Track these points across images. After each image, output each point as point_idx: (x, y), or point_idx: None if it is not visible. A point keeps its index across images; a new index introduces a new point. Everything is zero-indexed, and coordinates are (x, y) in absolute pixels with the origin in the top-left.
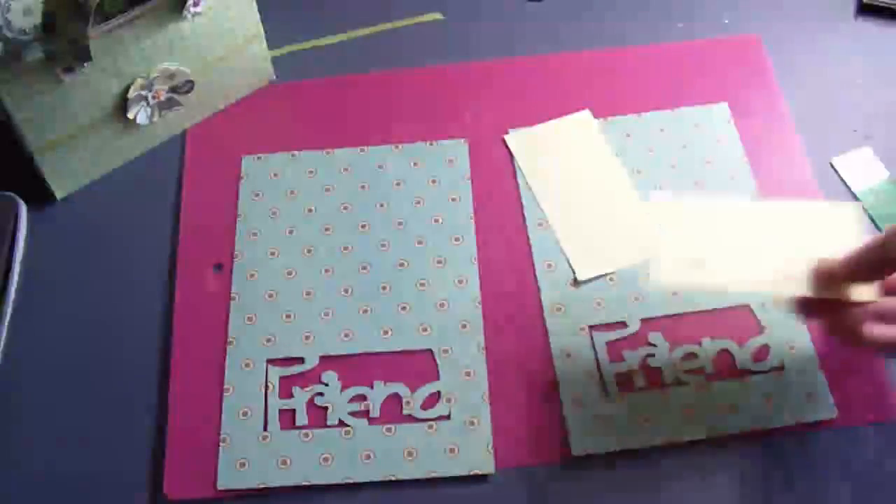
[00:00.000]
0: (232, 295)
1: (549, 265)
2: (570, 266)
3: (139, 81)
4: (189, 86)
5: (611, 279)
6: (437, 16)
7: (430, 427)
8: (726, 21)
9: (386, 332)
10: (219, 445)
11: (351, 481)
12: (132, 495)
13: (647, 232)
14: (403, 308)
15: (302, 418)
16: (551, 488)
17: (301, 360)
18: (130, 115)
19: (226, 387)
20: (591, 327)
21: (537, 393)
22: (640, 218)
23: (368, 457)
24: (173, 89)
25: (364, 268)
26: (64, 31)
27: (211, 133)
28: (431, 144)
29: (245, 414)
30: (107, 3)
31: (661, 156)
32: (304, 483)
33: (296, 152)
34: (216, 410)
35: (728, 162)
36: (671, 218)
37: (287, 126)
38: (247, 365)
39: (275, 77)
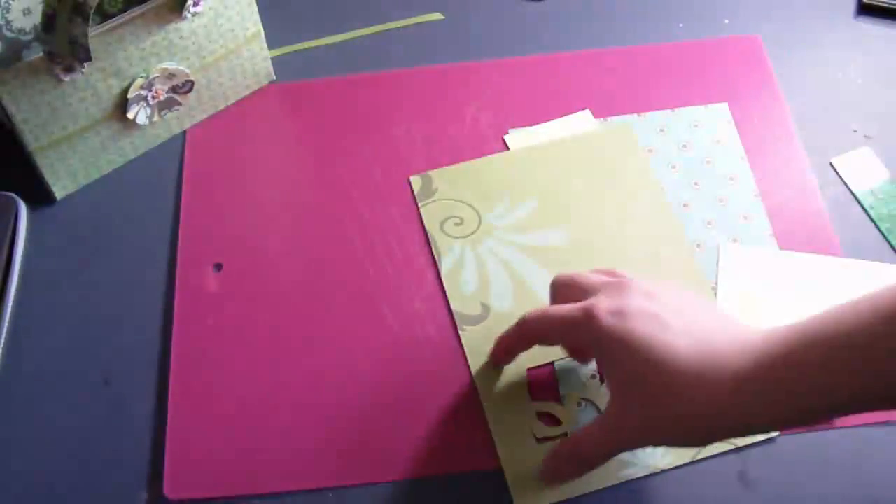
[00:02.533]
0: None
1: None
2: None
3: (139, 81)
4: (189, 86)
5: None
6: (437, 16)
7: None
8: (726, 21)
9: None
10: (220, 446)
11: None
12: (132, 495)
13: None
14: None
15: None
16: None
17: None
18: (130, 115)
19: None
20: None
21: None
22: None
23: None
24: (173, 89)
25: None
26: (64, 31)
27: (211, 133)
28: None
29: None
30: (107, 3)
31: (661, 156)
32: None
33: None
34: (217, 410)
35: (728, 162)
36: None
37: (287, 126)
38: None
39: (275, 77)
